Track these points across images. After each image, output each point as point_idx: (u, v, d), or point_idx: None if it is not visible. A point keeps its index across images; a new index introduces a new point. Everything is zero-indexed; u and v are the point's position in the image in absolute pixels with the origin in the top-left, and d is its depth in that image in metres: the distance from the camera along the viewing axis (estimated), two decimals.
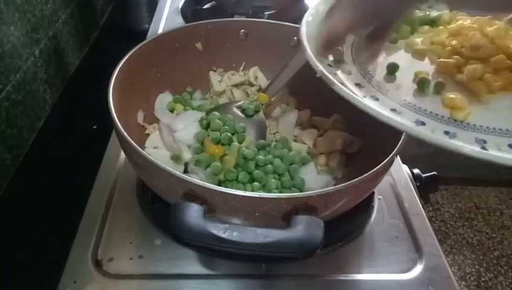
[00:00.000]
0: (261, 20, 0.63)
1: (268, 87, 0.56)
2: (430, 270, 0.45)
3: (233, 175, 0.46)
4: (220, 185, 0.46)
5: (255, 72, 0.62)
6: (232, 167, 0.46)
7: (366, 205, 0.51)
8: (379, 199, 0.53)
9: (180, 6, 0.94)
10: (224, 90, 0.62)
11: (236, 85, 0.62)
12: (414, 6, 0.47)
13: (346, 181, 0.37)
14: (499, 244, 1.54)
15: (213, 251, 0.33)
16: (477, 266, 1.47)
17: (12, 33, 0.60)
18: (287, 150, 0.52)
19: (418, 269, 0.46)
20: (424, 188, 0.58)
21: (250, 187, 0.46)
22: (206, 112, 0.55)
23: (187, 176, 0.36)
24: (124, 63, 0.49)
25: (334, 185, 0.38)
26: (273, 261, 0.45)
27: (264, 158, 0.48)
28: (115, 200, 0.51)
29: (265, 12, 0.79)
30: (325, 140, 0.54)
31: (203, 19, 0.60)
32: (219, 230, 0.33)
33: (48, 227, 0.52)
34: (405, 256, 0.47)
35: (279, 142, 0.53)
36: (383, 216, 0.51)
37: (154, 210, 0.49)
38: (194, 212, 0.34)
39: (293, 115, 0.58)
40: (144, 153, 0.39)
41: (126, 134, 0.40)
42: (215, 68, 0.63)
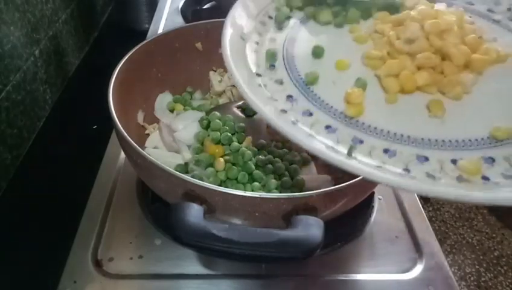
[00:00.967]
0: None
1: None
2: (430, 270, 0.45)
3: (235, 173, 0.46)
4: (220, 185, 0.46)
5: None
6: (222, 168, 0.46)
7: (366, 205, 0.51)
8: (379, 199, 0.53)
9: (180, 6, 0.94)
10: (224, 90, 0.62)
11: None
12: None
13: (346, 181, 0.37)
14: (498, 244, 1.54)
15: (213, 251, 0.33)
16: (477, 266, 1.47)
17: (12, 33, 0.60)
18: (287, 150, 0.52)
19: (418, 269, 0.46)
20: None
21: (250, 187, 0.46)
22: (206, 112, 0.55)
23: (187, 176, 0.36)
24: (124, 63, 0.49)
25: (334, 185, 0.38)
26: (273, 261, 0.45)
27: (264, 158, 0.48)
28: (115, 200, 0.51)
29: None
30: None
31: (203, 19, 0.60)
32: (219, 230, 0.33)
33: (48, 227, 0.52)
34: (405, 256, 0.47)
35: (279, 142, 0.53)
36: (383, 216, 0.51)
37: (154, 210, 0.49)
38: (194, 212, 0.34)
39: None
40: (144, 153, 0.39)
41: (126, 134, 0.40)
42: (215, 68, 0.63)
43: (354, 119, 0.30)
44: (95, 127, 0.67)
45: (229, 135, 0.49)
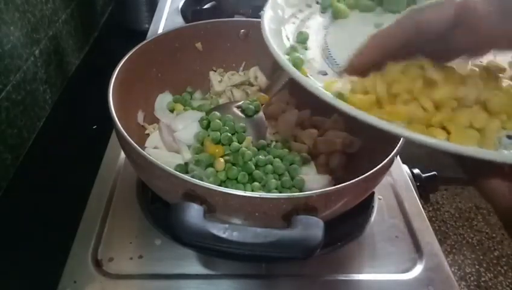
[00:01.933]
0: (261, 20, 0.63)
1: (268, 87, 0.56)
2: (430, 270, 0.45)
3: (235, 173, 0.46)
4: (220, 185, 0.46)
5: (255, 72, 0.62)
6: (222, 168, 0.46)
7: (366, 205, 0.51)
8: (379, 199, 0.53)
9: (180, 6, 0.94)
10: (224, 90, 0.62)
11: (236, 85, 0.62)
12: None
13: (346, 181, 0.37)
14: (498, 244, 1.54)
15: (213, 251, 0.33)
16: (477, 266, 1.47)
17: (12, 33, 0.60)
18: (287, 150, 0.52)
19: (418, 269, 0.46)
20: (424, 188, 0.58)
21: (250, 187, 0.46)
22: (206, 112, 0.55)
23: (187, 176, 0.36)
24: (124, 63, 0.49)
25: (334, 185, 0.37)
26: (273, 261, 0.45)
27: (264, 158, 0.48)
28: (115, 200, 0.51)
29: None
30: (325, 140, 0.54)
31: (203, 19, 0.60)
32: (219, 230, 0.33)
33: (48, 227, 0.52)
34: (405, 256, 0.47)
35: (279, 142, 0.53)
36: (383, 216, 0.51)
37: (154, 210, 0.49)
38: (194, 212, 0.34)
39: (293, 115, 0.58)
40: (144, 153, 0.39)
41: (126, 134, 0.40)
42: (215, 68, 0.63)
43: None
44: (95, 127, 0.67)
45: (229, 135, 0.49)
